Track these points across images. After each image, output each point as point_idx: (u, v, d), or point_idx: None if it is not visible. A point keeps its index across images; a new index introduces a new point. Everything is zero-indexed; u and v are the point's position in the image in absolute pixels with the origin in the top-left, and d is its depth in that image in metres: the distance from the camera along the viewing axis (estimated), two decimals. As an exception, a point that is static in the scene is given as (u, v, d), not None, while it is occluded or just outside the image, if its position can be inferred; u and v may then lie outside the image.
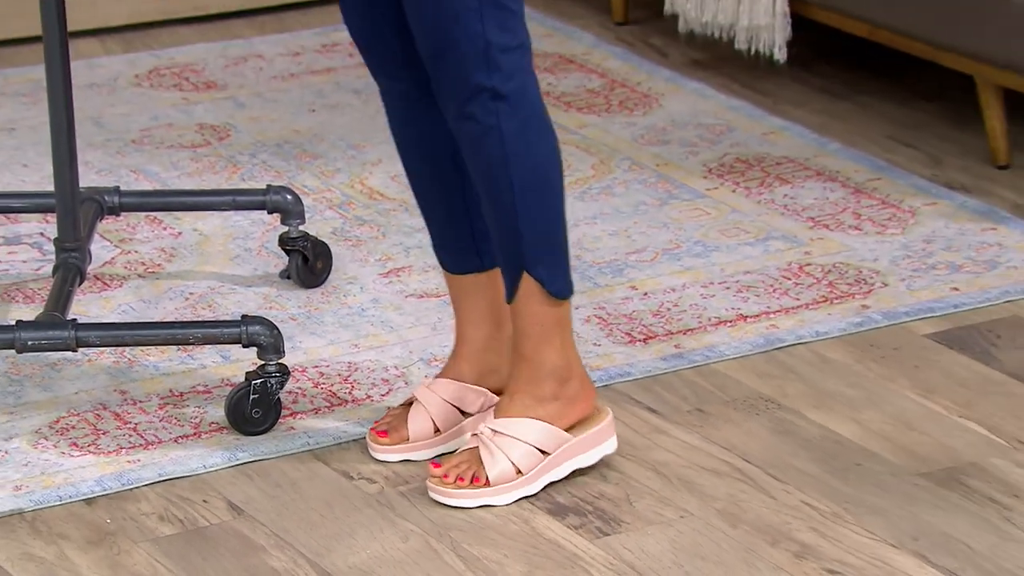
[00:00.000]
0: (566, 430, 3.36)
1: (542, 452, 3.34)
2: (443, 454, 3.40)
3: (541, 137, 3.30)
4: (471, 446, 3.33)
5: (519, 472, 3.32)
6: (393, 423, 3.49)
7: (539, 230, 3.30)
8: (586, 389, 3.39)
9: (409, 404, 3.50)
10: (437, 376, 3.52)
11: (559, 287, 3.33)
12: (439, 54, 3.23)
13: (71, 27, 4.42)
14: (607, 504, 3.34)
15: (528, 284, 3.31)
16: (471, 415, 3.49)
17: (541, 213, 3.31)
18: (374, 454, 3.47)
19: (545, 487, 3.35)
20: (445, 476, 3.32)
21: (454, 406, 3.50)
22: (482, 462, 3.31)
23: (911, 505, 3.33)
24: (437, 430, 3.48)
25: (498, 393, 3.47)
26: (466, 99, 3.24)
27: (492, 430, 3.32)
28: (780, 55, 4.71)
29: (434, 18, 3.22)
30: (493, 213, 3.29)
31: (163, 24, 5.12)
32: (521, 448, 3.33)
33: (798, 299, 3.93)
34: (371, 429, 3.50)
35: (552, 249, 3.33)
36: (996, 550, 3.21)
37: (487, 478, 3.31)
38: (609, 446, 3.40)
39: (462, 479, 3.31)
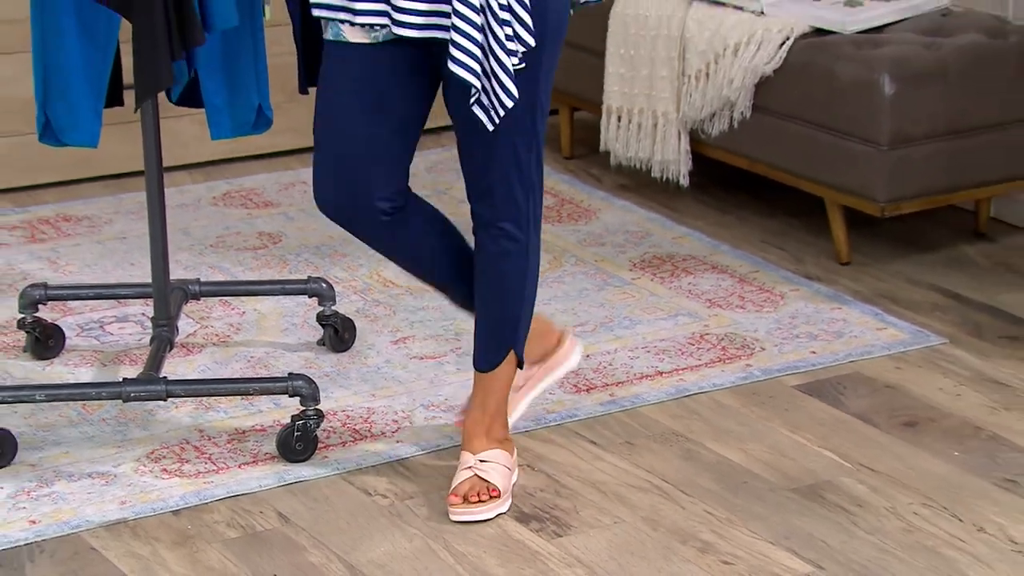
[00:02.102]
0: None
1: (508, 469, 3.35)
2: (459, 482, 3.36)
3: (540, 250, 3.35)
4: (468, 476, 3.30)
5: (507, 486, 3.34)
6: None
7: (527, 318, 3.32)
8: (508, 429, 3.43)
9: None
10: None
11: (521, 360, 3.39)
12: (495, 187, 3.21)
13: (166, 163, 4.43)
14: (560, 513, 3.33)
15: (509, 357, 3.33)
16: (522, 387, 3.56)
17: (531, 305, 3.32)
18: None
19: (511, 501, 3.35)
20: (466, 499, 3.29)
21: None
22: (486, 481, 3.30)
23: (783, 512, 3.32)
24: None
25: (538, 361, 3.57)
26: (506, 220, 3.24)
27: (480, 461, 3.31)
28: (684, 181, 4.71)
29: (500, 161, 3.19)
30: (499, 304, 3.29)
31: (233, 160, 5.12)
32: (501, 469, 3.34)
33: (700, 360, 3.91)
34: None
35: (527, 330, 3.35)
36: (845, 546, 3.22)
37: (498, 489, 3.29)
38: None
39: (482, 496, 3.28)
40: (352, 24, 3.16)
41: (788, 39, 4.45)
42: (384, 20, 3.12)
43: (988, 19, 4.52)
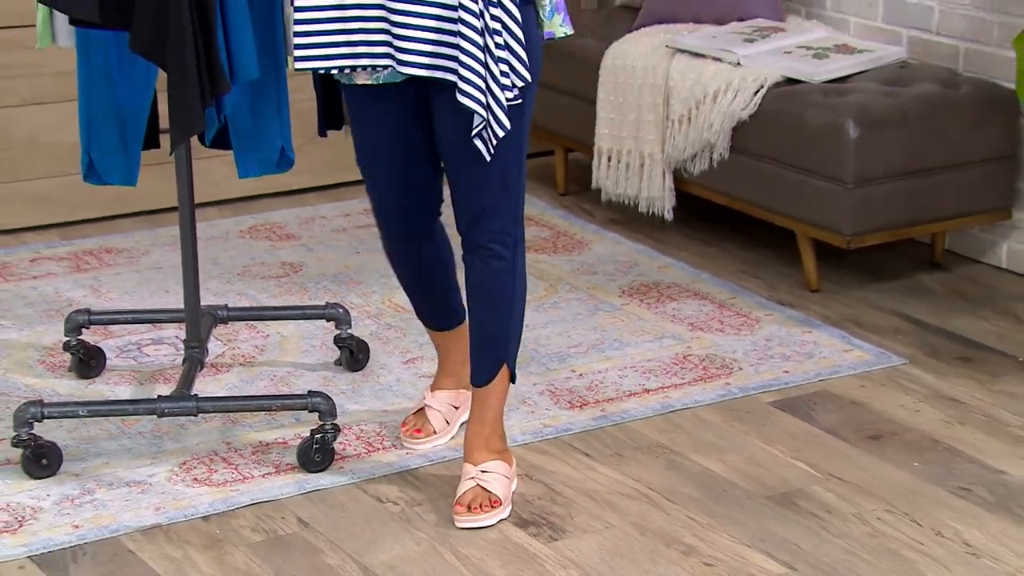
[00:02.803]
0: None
1: (508, 479, 3.33)
2: (461, 492, 3.33)
3: (525, 270, 3.34)
4: (471, 486, 3.29)
5: (507, 494, 3.32)
6: (418, 424, 3.54)
7: (517, 332, 3.31)
8: (506, 441, 3.42)
9: (420, 411, 3.56)
10: (432, 389, 3.59)
11: (514, 374, 3.36)
12: (486, 211, 3.20)
13: (198, 200, 4.40)
14: (556, 519, 3.31)
15: (503, 371, 3.30)
16: (458, 408, 3.57)
17: (521, 320, 3.31)
18: (414, 446, 3.52)
19: (511, 508, 3.33)
20: (470, 508, 3.27)
21: (452, 405, 3.57)
22: (488, 491, 3.28)
23: (760, 518, 3.30)
24: (447, 422, 3.55)
25: (468, 389, 3.54)
26: (496, 242, 3.22)
27: (482, 471, 3.29)
28: (668, 216, 4.70)
29: (491, 188, 3.19)
30: (491, 321, 3.29)
31: (258, 197, 5.11)
32: (501, 479, 3.31)
33: (683, 378, 3.90)
34: (404, 431, 3.55)
35: (518, 346, 3.34)
36: (816, 549, 3.20)
37: (499, 498, 3.28)
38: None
39: (484, 506, 3.26)
40: (354, 69, 3.15)
41: (762, 87, 4.45)
42: (388, 61, 3.12)
43: (941, 71, 4.53)
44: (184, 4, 3.17)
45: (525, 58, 3.09)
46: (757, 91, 4.45)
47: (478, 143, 3.09)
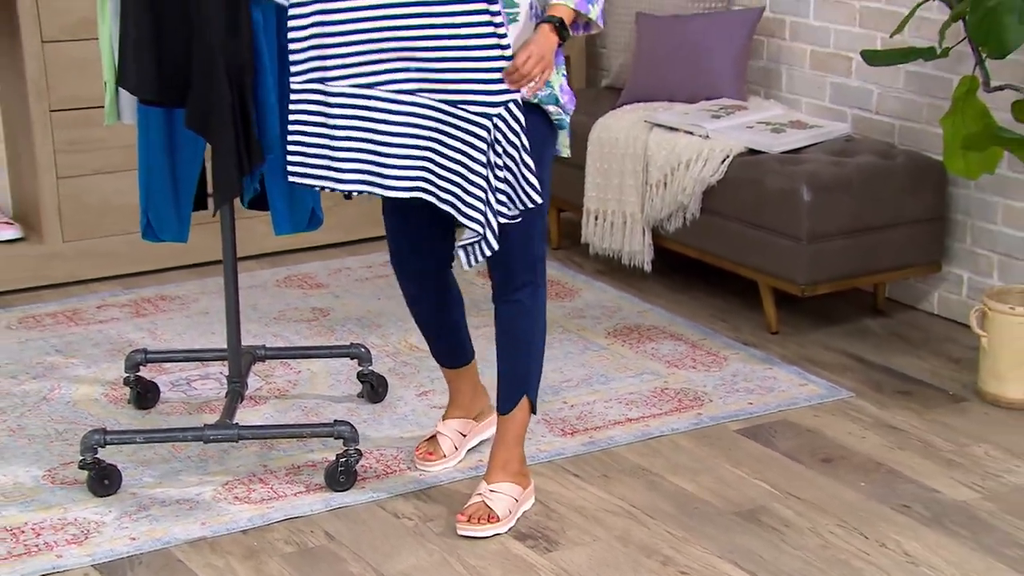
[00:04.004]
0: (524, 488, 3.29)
1: (515, 500, 3.26)
2: (468, 504, 3.27)
3: (545, 313, 3.25)
4: (477, 501, 3.23)
5: (508, 513, 3.24)
6: (430, 448, 3.47)
7: (537, 369, 3.24)
8: (526, 466, 3.34)
9: (432, 437, 3.48)
10: (444, 418, 3.51)
11: (535, 405, 3.30)
12: (511, 261, 3.13)
13: (240, 254, 4.38)
14: (550, 532, 3.26)
15: (524, 402, 3.24)
16: (465, 435, 3.50)
17: (540, 358, 3.25)
18: (427, 468, 3.45)
19: (514, 524, 3.27)
20: (469, 520, 3.21)
21: (460, 433, 3.49)
22: (490, 508, 3.21)
23: (728, 532, 3.25)
24: (455, 447, 3.48)
25: (475, 419, 3.47)
26: (519, 289, 3.16)
27: (490, 490, 3.23)
28: (647, 267, 4.66)
29: (520, 248, 3.11)
30: (515, 359, 3.22)
31: (292, 251, 5.07)
32: (507, 500, 3.25)
33: (661, 409, 3.84)
34: (418, 454, 3.47)
35: (539, 380, 3.28)
36: (777, 559, 3.15)
37: (498, 516, 3.20)
38: (533, 498, 3.36)
39: (483, 520, 3.19)
40: (334, 189, 3.07)
41: (728, 157, 4.42)
42: (368, 188, 3.02)
43: (880, 144, 4.51)
44: (227, 92, 3.19)
45: (535, 182, 2.98)
46: (724, 160, 4.42)
47: (460, 253, 2.99)
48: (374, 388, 3.89)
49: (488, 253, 2.97)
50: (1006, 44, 3.61)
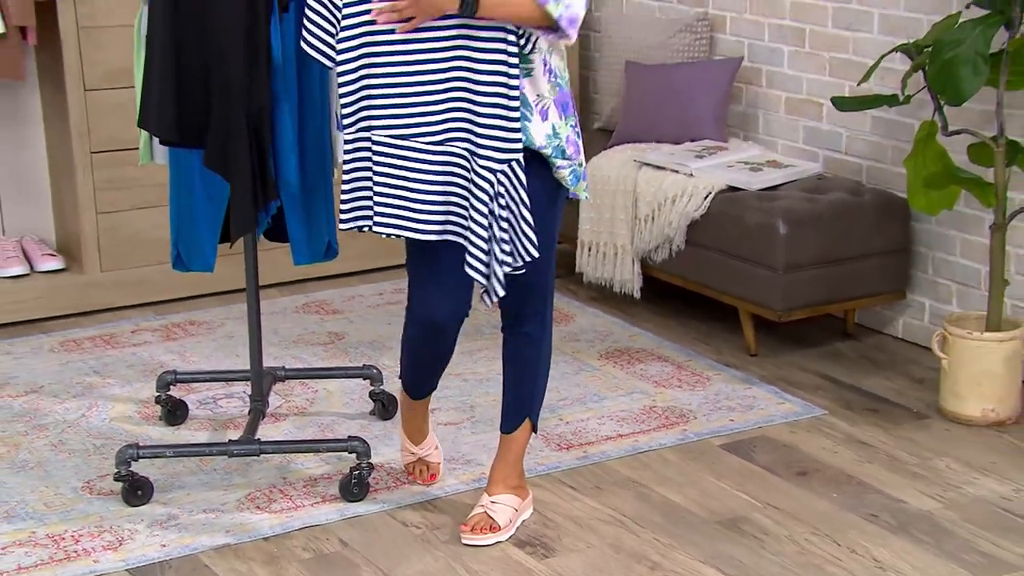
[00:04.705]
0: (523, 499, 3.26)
1: (515, 510, 3.23)
2: (472, 515, 3.24)
3: (551, 343, 3.21)
4: (479, 512, 3.20)
5: (508, 522, 3.21)
6: (419, 467, 3.43)
7: (541, 393, 3.21)
8: (525, 479, 3.31)
9: (419, 459, 3.43)
10: (416, 444, 3.43)
11: (536, 425, 3.27)
12: (522, 298, 3.09)
13: (262, 282, 4.36)
14: (547, 540, 3.23)
15: (526, 423, 3.22)
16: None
17: (544, 383, 3.22)
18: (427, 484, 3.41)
19: (514, 532, 3.24)
20: (473, 529, 3.18)
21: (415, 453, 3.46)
22: (492, 518, 3.18)
23: (712, 539, 3.22)
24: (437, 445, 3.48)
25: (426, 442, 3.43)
26: (528, 322, 3.13)
27: (492, 502, 3.20)
28: (637, 295, 4.64)
29: (530, 289, 3.08)
30: (519, 384, 3.19)
31: (309, 280, 5.04)
32: (507, 510, 3.22)
33: (650, 426, 3.82)
34: (411, 477, 3.43)
35: (542, 402, 3.26)
36: (757, 564, 3.13)
37: (499, 525, 3.18)
38: (531, 508, 3.32)
39: (485, 529, 3.16)
40: (371, 229, 3.03)
41: (710, 193, 4.40)
42: (399, 232, 3.00)
43: (850, 182, 4.49)
44: (245, 132, 3.17)
45: (533, 237, 2.94)
46: (706, 196, 4.40)
47: (484, 298, 2.97)
48: (385, 406, 3.86)
49: (495, 300, 2.96)
50: (962, 93, 3.66)
